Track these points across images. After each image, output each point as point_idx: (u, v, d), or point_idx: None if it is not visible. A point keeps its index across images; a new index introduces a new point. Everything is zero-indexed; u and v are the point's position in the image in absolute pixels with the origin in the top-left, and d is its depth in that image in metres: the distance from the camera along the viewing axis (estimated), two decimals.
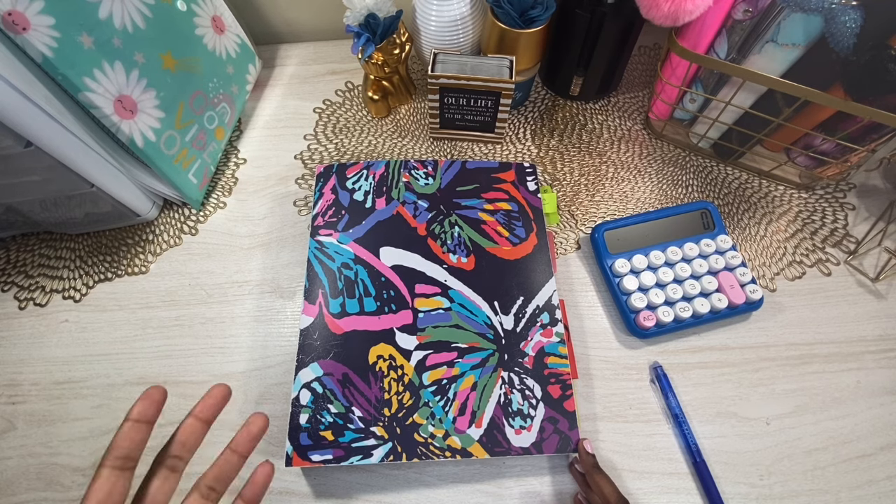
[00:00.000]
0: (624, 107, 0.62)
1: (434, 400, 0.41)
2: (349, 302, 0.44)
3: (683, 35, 0.47)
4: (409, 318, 0.44)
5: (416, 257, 0.47)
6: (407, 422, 0.40)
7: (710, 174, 0.57)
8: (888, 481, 0.41)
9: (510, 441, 0.40)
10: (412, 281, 0.46)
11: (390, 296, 0.45)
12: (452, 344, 0.43)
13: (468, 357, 0.43)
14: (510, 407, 0.41)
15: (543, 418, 0.41)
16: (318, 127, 0.61)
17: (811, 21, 0.40)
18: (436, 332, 0.44)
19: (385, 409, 0.41)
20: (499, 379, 0.42)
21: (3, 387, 0.46)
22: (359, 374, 0.42)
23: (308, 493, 0.41)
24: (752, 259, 0.52)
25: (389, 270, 0.46)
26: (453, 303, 0.45)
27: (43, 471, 0.43)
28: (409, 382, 0.42)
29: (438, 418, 0.40)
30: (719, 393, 0.45)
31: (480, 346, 0.43)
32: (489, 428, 0.40)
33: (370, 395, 0.41)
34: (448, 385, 0.42)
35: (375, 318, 0.44)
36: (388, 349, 0.43)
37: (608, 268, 0.49)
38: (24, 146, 0.38)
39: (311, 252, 0.47)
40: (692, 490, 0.41)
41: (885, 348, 0.47)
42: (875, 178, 0.57)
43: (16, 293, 0.51)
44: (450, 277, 0.46)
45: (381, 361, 0.42)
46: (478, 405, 0.41)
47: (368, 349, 0.43)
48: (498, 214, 0.49)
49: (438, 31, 0.53)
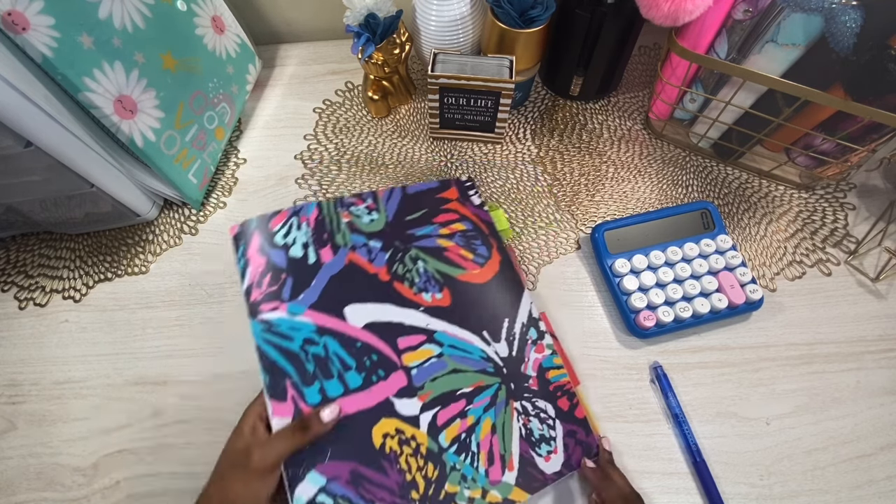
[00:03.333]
0: (624, 107, 0.62)
1: (460, 460, 0.37)
2: (328, 384, 0.36)
3: (683, 35, 0.47)
4: (403, 380, 0.38)
5: (389, 307, 0.40)
6: (441, 496, 0.35)
7: (710, 174, 0.57)
8: (888, 481, 0.41)
9: (544, 471, 0.38)
10: (392, 336, 0.39)
11: (374, 361, 0.38)
12: (458, 392, 0.39)
13: (477, 400, 0.39)
14: (533, 436, 0.39)
15: (564, 435, 0.40)
16: (318, 127, 0.61)
17: (811, 21, 0.40)
18: (436, 384, 0.38)
19: (412, 491, 0.35)
20: (514, 412, 0.39)
21: (3, 387, 0.46)
22: (369, 465, 0.35)
23: None
24: (752, 259, 0.52)
25: (363, 332, 0.38)
26: (443, 346, 0.40)
27: (43, 471, 0.43)
28: (427, 452, 0.36)
29: (471, 478, 0.36)
30: (719, 393, 0.45)
31: (485, 383, 0.40)
32: (521, 466, 0.38)
33: (390, 483, 0.35)
34: (468, 438, 0.38)
35: (365, 393, 0.37)
36: (393, 423, 0.36)
37: (608, 268, 0.49)
38: (24, 146, 0.38)
39: (257, 338, 0.36)
40: (692, 490, 0.41)
41: (885, 348, 0.47)
42: (875, 178, 0.57)
43: (16, 293, 0.51)
44: (431, 320, 0.40)
45: (389, 440, 0.36)
46: (504, 448, 0.38)
47: (370, 431, 0.36)
48: (456, 237, 0.44)
49: (438, 31, 0.53)
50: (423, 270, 0.42)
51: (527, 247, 0.53)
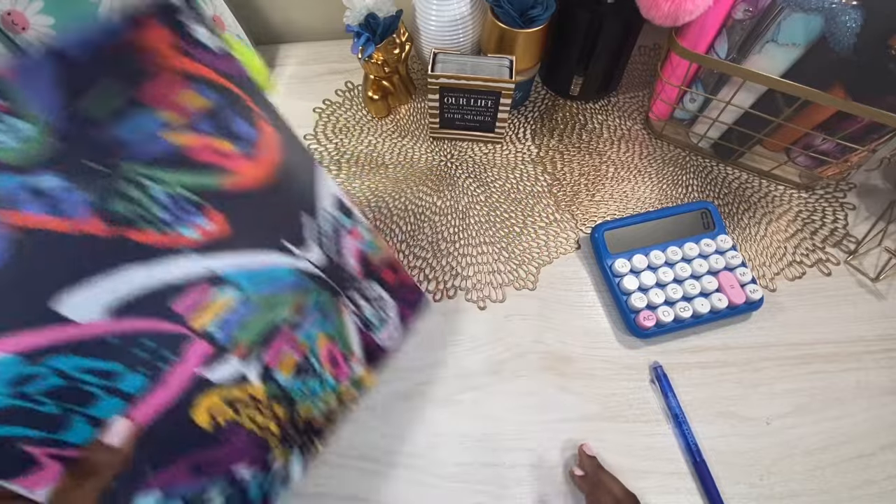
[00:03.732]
0: (624, 107, 0.62)
1: (305, 385, 0.33)
2: (95, 408, 0.25)
3: (683, 35, 0.47)
4: (205, 348, 0.29)
5: (132, 272, 0.25)
6: (299, 425, 0.33)
7: (710, 174, 0.57)
8: (888, 481, 0.41)
9: (386, 346, 0.38)
10: (160, 305, 0.26)
11: (150, 348, 0.26)
12: (279, 324, 0.32)
13: (306, 321, 0.33)
14: (369, 323, 0.37)
15: (397, 306, 0.39)
16: (318, 127, 0.61)
17: (811, 21, 0.40)
18: (248, 331, 0.30)
19: (269, 439, 0.32)
20: (344, 310, 0.35)
21: None
22: (207, 449, 0.29)
23: (309, 493, 0.41)
24: (752, 259, 0.52)
25: (109, 323, 0.24)
26: (241, 285, 0.29)
27: None
28: (268, 398, 0.32)
29: (321, 391, 0.34)
30: (719, 393, 0.45)
31: (306, 300, 0.33)
32: (365, 353, 0.37)
33: (241, 446, 0.31)
34: (307, 362, 0.33)
35: (159, 388, 0.27)
36: (214, 396, 0.29)
37: (608, 268, 0.49)
38: None
39: None
40: (692, 490, 0.41)
41: (885, 348, 0.47)
42: (875, 177, 0.57)
43: None
44: (209, 260, 0.27)
45: (218, 416, 0.30)
46: (344, 347, 0.35)
47: (189, 419, 0.28)
48: (196, 121, 0.25)
49: (438, 31, 0.53)
50: (162, 197, 0.25)
51: (527, 247, 0.53)
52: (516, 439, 0.43)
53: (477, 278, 0.51)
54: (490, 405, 0.45)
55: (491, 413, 0.44)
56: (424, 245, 0.53)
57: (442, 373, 0.46)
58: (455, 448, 0.43)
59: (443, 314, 0.49)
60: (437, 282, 0.51)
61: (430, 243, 0.53)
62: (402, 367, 0.46)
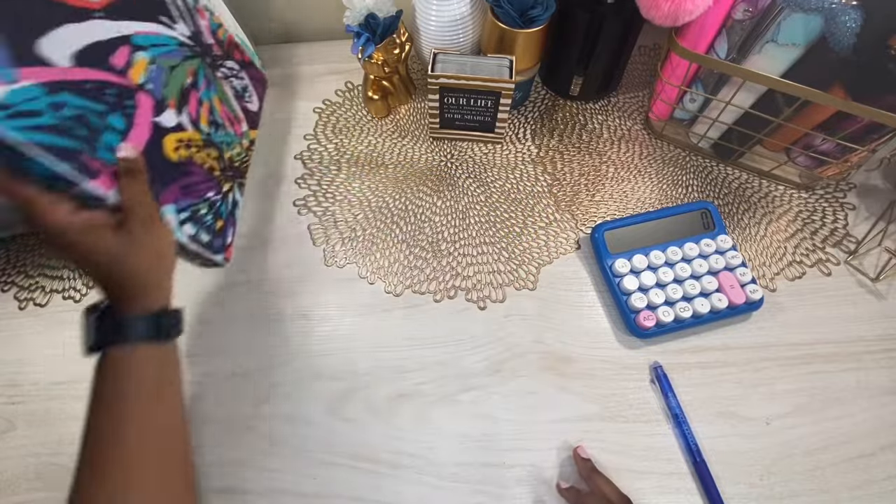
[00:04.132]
0: (624, 107, 0.62)
1: (220, 135, 0.45)
2: (105, 138, 0.33)
3: (683, 35, 0.47)
4: (149, 99, 0.37)
5: (71, 28, 0.32)
6: (227, 164, 0.45)
7: (710, 174, 0.57)
8: (888, 481, 0.41)
9: (254, 109, 0.51)
10: (103, 60, 0.34)
11: (115, 94, 0.34)
12: (185, 86, 0.41)
13: (200, 85, 0.43)
14: (238, 91, 0.49)
15: (248, 77, 0.51)
16: (318, 127, 0.61)
17: (811, 21, 0.40)
18: (169, 89, 0.39)
19: (215, 173, 0.43)
20: (221, 81, 0.46)
21: (3, 387, 0.46)
22: (183, 176, 0.39)
23: (309, 493, 0.41)
24: (752, 259, 0.52)
25: (79, 71, 0.32)
26: (148, 49, 0.37)
27: (43, 471, 0.43)
28: (203, 143, 0.42)
29: (230, 141, 0.46)
30: (719, 393, 0.45)
31: (195, 67, 0.43)
32: (245, 114, 0.49)
33: (202, 177, 0.42)
34: (213, 117, 0.44)
35: (136, 128, 0.35)
36: (171, 138, 0.39)
37: (608, 268, 0.49)
38: None
39: (14, 134, 0.28)
40: (692, 490, 0.41)
41: (885, 348, 0.47)
42: (875, 178, 0.57)
43: (16, 293, 0.51)
44: (117, 24, 0.36)
45: (179, 152, 0.39)
46: (231, 110, 0.47)
47: (163, 154, 0.38)
48: None
49: (438, 31, 0.53)
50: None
51: (527, 247, 0.53)
52: (516, 439, 0.43)
53: (477, 278, 0.51)
54: (490, 405, 0.45)
55: (491, 413, 0.44)
56: (424, 245, 0.53)
57: (442, 373, 0.46)
58: (455, 448, 0.43)
59: (444, 314, 0.49)
60: (437, 282, 0.51)
61: (431, 243, 0.53)
62: (401, 367, 0.46)
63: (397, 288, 0.50)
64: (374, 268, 0.52)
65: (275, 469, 0.42)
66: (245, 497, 0.41)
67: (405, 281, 0.51)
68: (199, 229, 0.41)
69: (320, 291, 0.50)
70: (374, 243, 0.53)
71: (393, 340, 0.48)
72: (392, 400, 0.45)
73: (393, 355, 0.47)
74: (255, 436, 0.43)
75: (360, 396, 0.45)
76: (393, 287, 0.50)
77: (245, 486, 0.42)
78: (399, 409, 0.45)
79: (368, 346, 0.48)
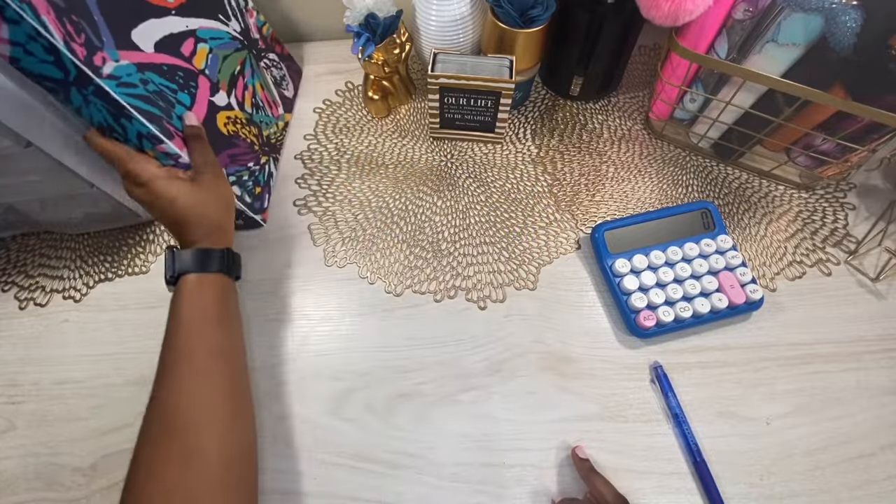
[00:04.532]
0: (624, 107, 0.62)
1: (260, 115, 0.54)
2: (176, 111, 0.42)
3: (684, 35, 0.47)
4: (206, 82, 0.46)
5: (152, 22, 0.41)
6: (265, 140, 0.54)
7: (710, 174, 0.57)
8: (888, 481, 0.41)
9: (289, 96, 0.62)
10: (175, 48, 0.43)
11: (183, 76, 0.43)
12: (235, 73, 0.50)
13: (246, 72, 0.52)
14: (276, 79, 0.59)
15: (286, 68, 0.61)
16: (318, 127, 0.61)
17: (811, 21, 0.40)
18: (222, 73, 0.48)
19: (255, 146, 0.51)
20: (262, 69, 0.55)
21: (3, 387, 0.46)
22: (231, 147, 0.48)
23: (309, 493, 0.41)
24: (752, 259, 0.52)
25: (159, 56, 0.41)
26: (208, 41, 0.46)
27: (43, 471, 0.43)
28: (247, 121, 0.51)
29: (268, 122, 0.56)
30: (719, 393, 0.45)
31: (243, 57, 0.51)
32: (282, 101, 0.59)
33: (246, 149, 0.50)
34: (255, 100, 0.53)
35: (197, 105, 0.44)
36: (223, 115, 0.47)
37: (608, 268, 0.49)
38: (24, 146, 0.38)
39: (121, 97, 0.36)
40: (692, 490, 0.41)
41: (885, 348, 0.47)
42: (875, 177, 0.57)
43: (16, 293, 0.51)
44: (186, 20, 0.44)
45: (228, 126, 0.48)
46: (270, 94, 0.56)
47: (217, 128, 0.46)
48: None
49: (438, 31, 0.53)
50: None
51: (527, 247, 0.53)
52: (516, 439, 0.43)
53: (477, 278, 0.51)
54: (490, 405, 0.45)
55: (491, 413, 0.44)
56: (425, 245, 0.53)
57: (442, 373, 0.46)
58: (455, 448, 0.43)
59: (444, 314, 0.49)
60: (437, 282, 0.51)
61: (431, 243, 0.53)
62: (401, 367, 0.46)
63: (397, 288, 0.50)
64: (374, 268, 0.52)
65: (275, 469, 0.42)
66: None
67: (405, 281, 0.51)
68: (243, 191, 0.49)
69: (320, 291, 0.51)
70: (375, 243, 0.53)
71: (393, 340, 0.48)
72: (392, 400, 0.45)
73: (393, 355, 0.47)
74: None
75: (360, 396, 0.45)
76: (393, 287, 0.50)
77: None
78: (399, 409, 0.45)
79: (368, 346, 0.48)
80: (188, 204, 0.38)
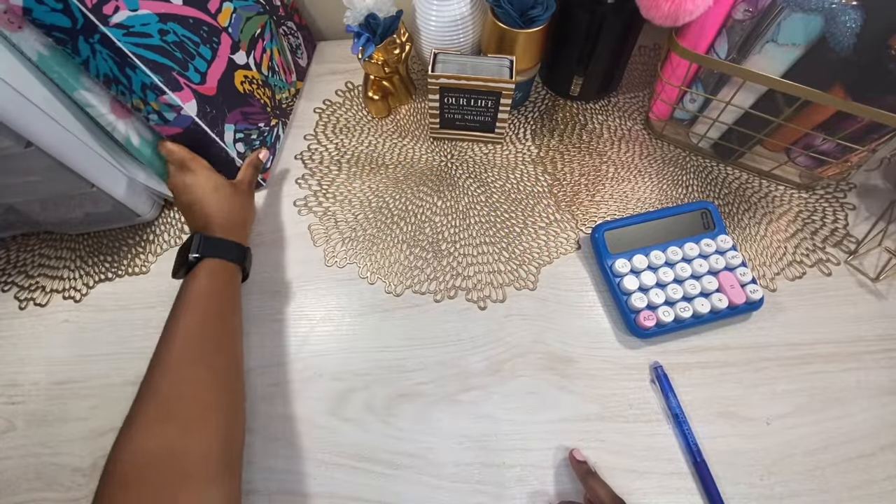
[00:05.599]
0: (624, 107, 0.62)
1: (275, 80, 0.56)
2: (195, 63, 0.43)
3: (684, 35, 0.47)
4: (228, 40, 0.47)
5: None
6: (277, 103, 0.57)
7: (710, 174, 0.57)
8: (888, 481, 0.41)
9: (303, 64, 0.65)
10: (203, 3, 0.45)
11: (206, 31, 0.45)
12: (255, 35, 0.52)
13: (266, 36, 0.54)
14: (291, 47, 0.61)
15: (303, 40, 0.64)
16: (318, 127, 0.61)
17: (811, 21, 0.40)
18: (244, 34, 0.49)
19: (266, 108, 0.54)
20: (280, 35, 0.58)
21: (3, 387, 0.46)
22: (244, 105, 0.50)
23: (309, 493, 0.41)
24: (752, 259, 0.52)
25: (185, 8, 0.43)
26: (234, 1, 0.48)
27: (43, 471, 0.43)
28: (262, 83, 0.53)
29: (282, 86, 0.58)
30: (719, 393, 0.45)
31: (264, 21, 0.54)
32: (294, 68, 0.61)
33: (258, 109, 0.53)
34: (272, 63, 0.55)
35: (218, 60, 0.46)
36: (240, 73, 0.50)
37: (608, 268, 0.49)
38: (25, 146, 0.38)
39: (125, 46, 0.37)
40: (692, 490, 0.41)
41: (885, 348, 0.47)
42: (875, 178, 0.57)
43: (16, 293, 0.51)
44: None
45: (244, 85, 0.50)
46: (286, 60, 0.58)
47: (234, 84, 0.48)
48: None
49: (438, 31, 0.53)
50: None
51: (527, 247, 0.53)
52: (516, 439, 0.43)
53: (477, 278, 0.51)
54: (490, 405, 0.45)
55: (491, 413, 0.44)
56: (425, 245, 0.53)
57: (442, 373, 0.46)
58: (455, 448, 0.43)
59: (444, 314, 0.49)
60: (437, 282, 0.51)
61: (431, 243, 0.53)
62: (402, 367, 0.46)
63: (398, 288, 0.50)
64: (374, 268, 0.52)
65: (275, 469, 0.42)
66: (245, 497, 0.41)
67: (405, 281, 0.51)
68: (248, 149, 0.52)
69: (320, 291, 0.51)
70: (375, 243, 0.53)
71: (393, 340, 0.48)
72: (392, 400, 0.45)
73: (393, 355, 0.47)
74: (254, 436, 0.43)
75: (360, 396, 0.45)
76: (393, 287, 0.50)
77: (245, 486, 0.42)
78: (399, 409, 0.45)
79: (369, 346, 0.48)
80: (223, 196, 0.45)
